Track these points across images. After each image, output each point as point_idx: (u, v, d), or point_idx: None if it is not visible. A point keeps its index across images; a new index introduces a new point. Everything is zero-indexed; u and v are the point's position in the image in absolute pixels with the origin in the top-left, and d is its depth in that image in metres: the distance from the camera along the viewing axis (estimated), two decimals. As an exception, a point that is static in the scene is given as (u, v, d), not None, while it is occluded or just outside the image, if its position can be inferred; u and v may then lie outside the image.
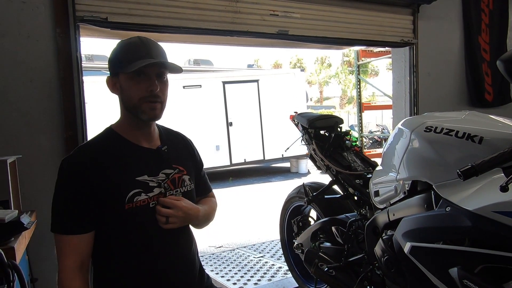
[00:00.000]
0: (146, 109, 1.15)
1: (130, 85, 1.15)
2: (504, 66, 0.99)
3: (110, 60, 1.19)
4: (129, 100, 1.17)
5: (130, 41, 1.17)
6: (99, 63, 11.10)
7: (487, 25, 4.33)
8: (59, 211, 1.14)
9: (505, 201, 1.03)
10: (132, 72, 1.12)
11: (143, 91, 1.14)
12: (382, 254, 1.55)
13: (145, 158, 1.21)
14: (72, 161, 1.16)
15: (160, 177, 1.21)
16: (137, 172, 1.17)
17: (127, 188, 1.14)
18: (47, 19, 2.38)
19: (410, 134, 1.46)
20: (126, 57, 1.13)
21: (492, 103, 4.41)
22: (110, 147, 1.19)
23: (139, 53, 1.13)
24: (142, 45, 1.15)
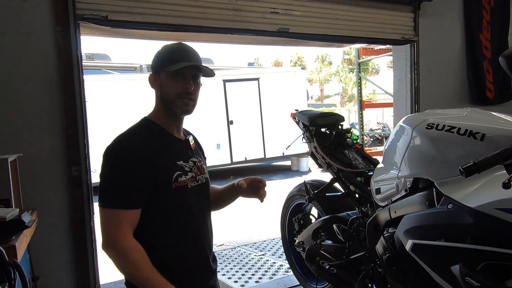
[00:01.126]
0: (180, 104, 1.33)
1: (169, 82, 1.32)
2: (506, 62, 0.98)
3: (154, 60, 1.37)
4: (166, 95, 1.34)
5: (172, 45, 1.37)
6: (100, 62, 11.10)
7: (488, 22, 4.31)
8: (116, 188, 1.24)
9: (507, 198, 1.03)
10: (172, 71, 1.29)
11: (179, 88, 1.32)
12: (383, 252, 1.55)
13: (179, 146, 1.39)
14: (125, 145, 1.29)
15: (190, 163, 1.39)
16: (176, 157, 1.35)
17: (173, 169, 1.31)
18: (47, 18, 2.38)
19: (412, 131, 1.45)
20: (168, 58, 1.32)
21: (493, 101, 4.39)
22: (152, 134, 1.34)
23: (179, 56, 1.32)
24: (183, 50, 1.35)
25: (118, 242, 1.20)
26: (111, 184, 1.25)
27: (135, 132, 1.35)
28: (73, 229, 2.45)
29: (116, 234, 1.20)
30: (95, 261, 2.54)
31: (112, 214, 1.22)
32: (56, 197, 2.40)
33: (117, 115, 8.10)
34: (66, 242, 2.44)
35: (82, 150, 2.46)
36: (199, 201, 1.39)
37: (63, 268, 2.44)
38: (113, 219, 1.21)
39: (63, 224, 2.43)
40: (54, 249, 2.41)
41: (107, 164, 1.27)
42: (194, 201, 1.37)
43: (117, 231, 1.20)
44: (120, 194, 1.23)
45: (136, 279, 1.19)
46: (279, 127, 8.87)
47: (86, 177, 2.48)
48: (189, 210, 1.35)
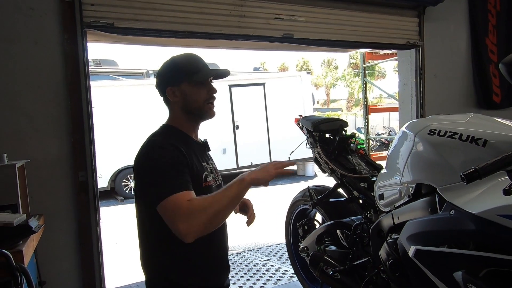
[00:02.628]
0: (208, 109, 1.41)
1: (195, 91, 1.38)
2: (506, 68, 0.98)
3: (171, 72, 1.40)
4: (195, 103, 1.39)
5: (186, 57, 1.42)
6: (107, 68, 11.20)
7: (494, 26, 4.30)
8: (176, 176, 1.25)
9: (509, 204, 1.03)
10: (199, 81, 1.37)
11: (205, 95, 1.40)
12: (387, 258, 1.55)
13: (200, 149, 1.47)
14: (167, 143, 1.31)
15: (209, 165, 1.46)
16: (201, 159, 1.42)
17: (201, 170, 1.38)
18: (54, 25, 2.42)
19: (414, 137, 1.45)
20: (189, 70, 1.37)
21: (500, 105, 4.36)
22: (181, 138, 1.39)
23: (198, 65, 1.39)
24: (198, 59, 1.42)
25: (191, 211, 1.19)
26: (167, 176, 1.24)
27: (165, 134, 1.39)
28: (80, 234, 2.48)
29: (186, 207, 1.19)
30: (101, 265, 2.56)
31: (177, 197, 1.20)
32: (62, 202, 2.43)
33: (124, 121, 8.18)
34: (72, 247, 2.47)
35: (89, 155, 2.49)
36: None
37: (69, 272, 2.47)
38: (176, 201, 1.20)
39: (70, 229, 2.46)
40: (60, 254, 2.44)
41: (154, 160, 1.27)
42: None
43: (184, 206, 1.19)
44: (177, 181, 1.24)
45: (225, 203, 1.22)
46: (285, 131, 8.87)
47: (93, 182, 2.51)
48: None
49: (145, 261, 1.40)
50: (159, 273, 1.37)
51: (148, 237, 1.37)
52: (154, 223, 1.30)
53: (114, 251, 4.50)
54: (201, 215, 1.17)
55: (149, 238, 1.37)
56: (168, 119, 1.45)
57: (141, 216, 1.37)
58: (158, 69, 1.46)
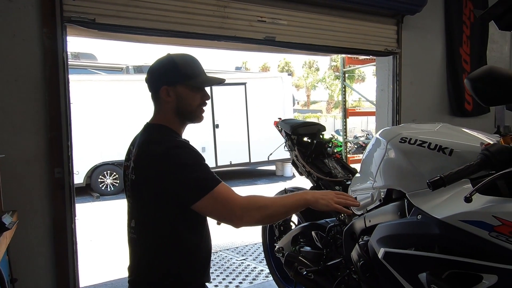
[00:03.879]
0: (199, 114, 1.44)
1: (190, 95, 1.39)
2: (471, 84, 1.05)
3: (169, 71, 1.38)
4: (188, 106, 1.40)
5: (185, 58, 1.41)
6: (85, 61, 10.99)
7: (468, 37, 4.47)
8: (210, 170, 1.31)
9: (470, 210, 1.09)
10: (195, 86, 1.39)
11: (199, 99, 1.41)
12: (358, 259, 1.61)
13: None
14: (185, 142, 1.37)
15: None
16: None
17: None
18: (34, 19, 2.38)
19: (387, 144, 1.52)
20: (187, 72, 1.38)
21: (472, 113, 4.54)
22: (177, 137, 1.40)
23: (197, 70, 1.41)
24: (197, 63, 1.43)
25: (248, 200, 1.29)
26: (205, 170, 1.29)
27: (170, 134, 1.39)
28: (54, 231, 2.45)
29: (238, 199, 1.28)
30: (75, 263, 2.54)
31: (224, 186, 1.28)
32: (38, 198, 2.40)
33: (101, 116, 8.05)
34: (46, 244, 2.43)
35: (66, 152, 2.47)
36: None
37: (42, 270, 2.43)
38: (227, 189, 1.29)
39: (44, 226, 2.42)
40: (34, 251, 2.40)
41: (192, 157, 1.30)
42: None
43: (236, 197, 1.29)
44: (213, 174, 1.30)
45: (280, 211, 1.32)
46: (264, 132, 8.92)
47: (69, 179, 2.48)
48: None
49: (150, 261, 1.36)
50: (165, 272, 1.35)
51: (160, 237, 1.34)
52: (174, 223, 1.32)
53: (88, 249, 4.44)
54: (260, 210, 1.29)
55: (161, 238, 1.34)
56: (156, 118, 1.42)
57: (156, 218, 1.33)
58: (152, 64, 1.41)
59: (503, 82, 1.01)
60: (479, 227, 1.07)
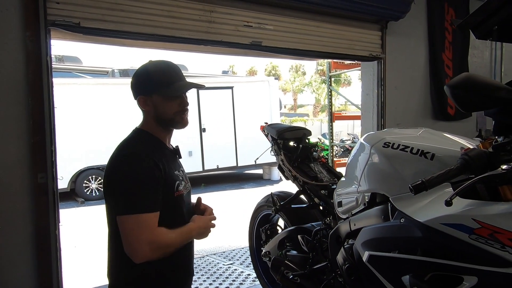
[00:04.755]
0: (180, 120, 1.42)
1: (166, 103, 1.38)
2: (450, 91, 1.08)
3: (143, 82, 1.39)
4: (164, 115, 1.40)
5: (160, 66, 1.40)
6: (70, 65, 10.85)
7: (450, 42, 4.57)
8: (144, 193, 1.27)
9: (451, 214, 1.12)
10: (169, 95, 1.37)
11: (177, 106, 1.40)
12: (343, 262, 1.63)
13: (172, 156, 1.48)
14: (140, 152, 1.32)
15: (181, 173, 1.47)
16: (173, 167, 1.43)
17: (174, 179, 1.39)
18: (16, 22, 2.35)
19: (370, 149, 1.54)
20: (162, 81, 1.36)
21: (454, 117, 4.63)
22: (154, 145, 1.40)
23: (172, 77, 1.39)
24: (172, 70, 1.41)
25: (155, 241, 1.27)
26: (137, 191, 1.27)
27: (140, 141, 1.39)
28: (37, 238, 2.40)
29: (153, 235, 1.26)
30: (59, 270, 2.49)
31: (141, 219, 1.25)
32: (20, 204, 2.35)
33: (86, 120, 7.95)
34: (29, 250, 2.39)
35: (50, 156, 2.43)
36: (188, 209, 1.49)
37: (25, 277, 2.39)
38: (147, 222, 1.26)
39: (27, 232, 2.38)
40: (16, 258, 2.35)
41: (128, 171, 1.28)
42: (186, 209, 1.47)
43: (153, 232, 1.26)
44: (148, 199, 1.28)
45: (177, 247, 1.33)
46: (251, 136, 8.94)
47: (53, 184, 2.45)
48: (183, 217, 1.43)
49: (111, 268, 1.41)
50: (122, 281, 1.38)
51: (115, 244, 1.35)
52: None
53: (73, 255, 4.37)
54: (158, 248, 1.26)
55: (116, 244, 1.34)
56: (142, 123, 1.45)
57: (112, 223, 1.35)
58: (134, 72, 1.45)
59: (481, 89, 1.04)
60: (460, 230, 1.09)
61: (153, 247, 1.25)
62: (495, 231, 1.03)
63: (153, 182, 1.29)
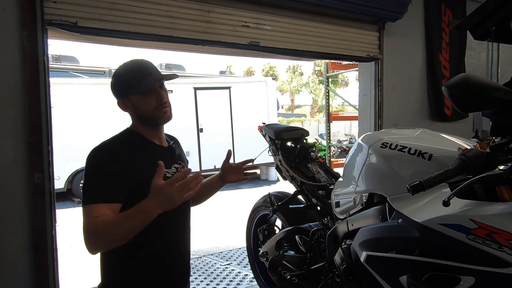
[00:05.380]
0: (160, 115, 1.41)
1: (142, 101, 1.39)
2: (448, 92, 1.08)
3: (117, 86, 1.42)
4: (144, 113, 1.40)
5: (129, 66, 1.41)
6: (67, 64, 10.80)
7: (447, 43, 4.58)
8: (97, 186, 1.30)
9: (448, 214, 1.12)
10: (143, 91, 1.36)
11: (154, 102, 1.39)
12: (341, 263, 1.63)
13: (161, 153, 1.45)
14: (107, 148, 1.36)
15: (172, 169, 1.45)
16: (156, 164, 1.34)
17: (153, 176, 1.30)
18: (13, 21, 2.34)
19: (368, 149, 1.54)
20: (133, 81, 1.37)
21: (451, 118, 4.65)
22: (134, 142, 1.41)
23: (141, 74, 1.37)
24: (141, 67, 1.40)
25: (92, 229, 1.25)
26: (92, 183, 1.31)
27: (118, 139, 1.42)
28: (34, 238, 2.39)
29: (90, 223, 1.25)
30: (55, 270, 2.48)
31: (91, 209, 1.27)
32: (16, 205, 2.34)
33: (83, 120, 7.92)
34: (25, 251, 2.37)
35: (46, 156, 2.42)
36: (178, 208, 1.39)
37: (21, 277, 2.37)
38: (91, 212, 1.27)
39: (23, 232, 2.36)
40: (12, 259, 2.34)
41: (89, 165, 1.34)
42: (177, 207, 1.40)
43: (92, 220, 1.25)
44: (100, 190, 1.29)
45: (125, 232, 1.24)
46: (249, 136, 8.93)
47: (49, 184, 2.43)
48: (165, 217, 1.34)
49: (101, 268, 1.41)
50: (110, 279, 1.39)
51: None
52: None
53: (69, 255, 4.35)
54: (99, 237, 1.25)
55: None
56: (131, 124, 1.48)
57: None
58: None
59: (478, 90, 1.04)
60: (457, 230, 1.10)
61: (95, 237, 1.25)
62: (492, 231, 1.03)
63: (109, 174, 1.30)
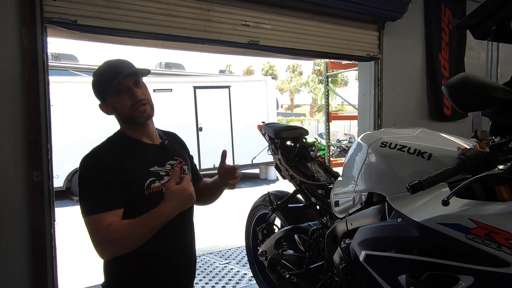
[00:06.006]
0: (138, 114, 1.37)
1: (118, 102, 1.37)
2: (448, 91, 1.08)
3: (94, 90, 1.41)
4: (122, 113, 1.39)
5: (100, 70, 1.41)
6: (66, 62, 10.78)
7: (447, 43, 4.58)
8: (96, 196, 1.29)
9: (447, 213, 1.12)
10: (114, 91, 1.35)
11: (129, 101, 1.36)
12: (340, 262, 1.63)
13: (153, 152, 1.44)
14: (95, 157, 1.35)
15: (167, 167, 1.43)
16: (149, 164, 1.39)
17: (144, 177, 1.36)
18: (12, 19, 2.33)
19: (368, 149, 1.54)
20: (105, 84, 1.36)
21: (450, 118, 4.65)
22: (124, 145, 1.39)
23: (111, 75, 1.35)
24: (111, 68, 1.38)
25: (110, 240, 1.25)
26: (89, 193, 1.31)
27: (106, 144, 1.41)
28: (32, 236, 2.39)
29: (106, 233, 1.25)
30: (54, 269, 2.48)
31: (96, 219, 1.26)
32: (15, 203, 2.34)
33: (82, 119, 7.90)
34: (24, 250, 2.37)
35: (45, 155, 2.41)
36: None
37: (20, 275, 2.37)
38: (97, 222, 1.26)
39: (22, 230, 2.36)
40: (11, 257, 2.34)
41: (81, 176, 1.33)
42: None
43: (106, 231, 1.25)
44: (100, 200, 1.28)
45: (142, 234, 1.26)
46: (248, 135, 8.93)
47: (49, 182, 2.43)
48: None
49: (104, 267, 1.41)
50: (113, 278, 1.39)
51: None
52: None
53: (68, 254, 4.35)
54: (115, 244, 1.25)
55: None
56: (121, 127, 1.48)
57: None
58: None
59: (478, 90, 1.04)
60: (456, 230, 1.10)
61: (110, 245, 1.26)
62: (491, 231, 1.03)
63: (103, 183, 1.29)
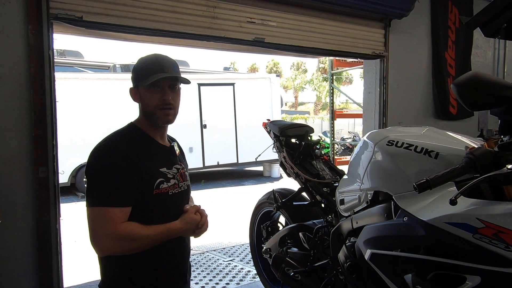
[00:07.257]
0: (160, 115, 1.37)
1: (147, 95, 1.37)
2: (457, 89, 1.07)
3: (132, 75, 1.42)
4: (147, 107, 1.38)
5: (147, 58, 1.40)
6: (71, 59, 10.82)
7: (454, 42, 4.55)
8: (108, 187, 1.27)
9: (455, 213, 1.11)
10: (148, 84, 1.34)
11: (157, 100, 1.36)
12: (345, 260, 1.62)
13: (163, 153, 1.44)
14: (114, 146, 1.33)
15: (173, 170, 1.43)
16: (159, 164, 1.39)
17: (155, 176, 1.35)
18: (19, 15, 2.34)
19: (374, 147, 1.53)
20: (144, 72, 1.36)
21: (456, 116, 4.63)
22: (138, 139, 1.38)
23: (154, 68, 1.35)
24: (157, 62, 1.38)
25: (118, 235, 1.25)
26: (102, 184, 1.28)
27: (123, 135, 1.39)
28: (38, 232, 2.40)
29: (116, 228, 1.24)
30: (59, 264, 2.50)
31: (104, 212, 1.25)
32: (21, 199, 2.35)
33: (87, 115, 7.93)
34: (30, 245, 2.39)
35: (51, 151, 2.43)
36: (179, 208, 1.41)
37: (25, 270, 2.39)
38: (105, 215, 1.25)
39: (27, 226, 2.38)
40: (16, 252, 2.36)
41: (96, 164, 1.31)
42: (174, 208, 1.39)
43: (116, 226, 1.24)
44: (112, 193, 1.26)
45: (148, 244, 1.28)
46: (252, 132, 8.92)
47: (54, 178, 2.44)
48: (167, 217, 1.36)
49: (100, 265, 1.39)
50: (110, 277, 1.38)
51: None
52: None
53: (73, 249, 4.37)
54: (122, 243, 1.25)
55: None
56: (136, 118, 1.46)
57: None
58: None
59: (488, 88, 1.03)
60: (463, 229, 1.09)
61: (114, 241, 1.25)
62: (499, 230, 1.02)
63: (119, 175, 1.27)
